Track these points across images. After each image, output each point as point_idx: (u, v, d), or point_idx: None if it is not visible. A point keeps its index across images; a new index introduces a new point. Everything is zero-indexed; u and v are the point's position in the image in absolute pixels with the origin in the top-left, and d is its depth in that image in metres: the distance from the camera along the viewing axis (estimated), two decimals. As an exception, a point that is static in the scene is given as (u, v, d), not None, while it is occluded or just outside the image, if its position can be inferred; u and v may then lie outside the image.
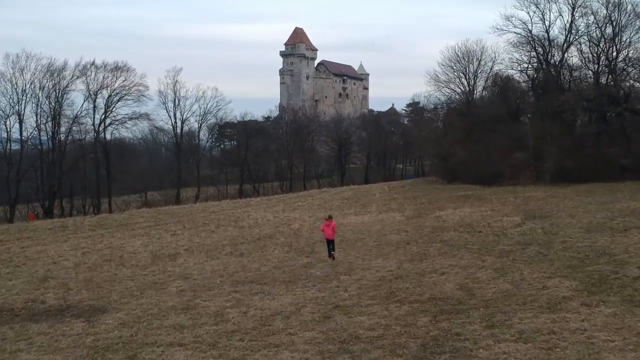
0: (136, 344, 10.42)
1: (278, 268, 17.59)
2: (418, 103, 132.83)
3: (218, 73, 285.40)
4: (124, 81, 68.37)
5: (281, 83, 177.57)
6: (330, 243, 18.85)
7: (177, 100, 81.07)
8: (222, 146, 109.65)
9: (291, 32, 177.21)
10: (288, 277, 16.01)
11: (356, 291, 13.56)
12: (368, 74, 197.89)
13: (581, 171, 43.47)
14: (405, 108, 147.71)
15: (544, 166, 44.64)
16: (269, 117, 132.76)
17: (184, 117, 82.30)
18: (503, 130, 53.58)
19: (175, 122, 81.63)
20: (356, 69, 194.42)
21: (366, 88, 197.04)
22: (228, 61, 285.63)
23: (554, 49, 49.85)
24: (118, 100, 68.20)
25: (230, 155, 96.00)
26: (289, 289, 14.31)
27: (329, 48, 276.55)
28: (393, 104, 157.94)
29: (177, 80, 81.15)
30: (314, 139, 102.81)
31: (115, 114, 69.42)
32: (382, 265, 16.61)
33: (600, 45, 46.94)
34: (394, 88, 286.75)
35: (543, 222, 23.06)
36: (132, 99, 68.99)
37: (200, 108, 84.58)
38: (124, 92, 68.42)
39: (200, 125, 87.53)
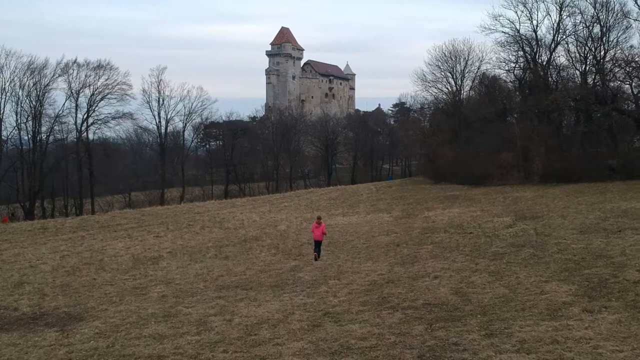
0: (112, 357, 9.73)
1: (264, 272, 16.95)
2: (404, 103, 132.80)
3: (204, 73, 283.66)
4: (106, 80, 67.16)
5: (267, 83, 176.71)
6: (317, 244, 18.54)
7: (161, 100, 79.75)
8: (207, 146, 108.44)
9: (277, 31, 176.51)
10: (275, 281, 15.37)
11: (346, 297, 12.96)
12: (354, 74, 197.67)
13: (569, 171, 43.33)
14: (391, 108, 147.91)
15: (533, 166, 44.41)
16: (255, 117, 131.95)
17: (169, 116, 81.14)
18: (490, 131, 53.40)
19: (160, 122, 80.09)
20: (342, 69, 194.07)
21: (352, 88, 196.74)
22: (214, 62, 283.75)
23: (541, 49, 49.77)
24: (101, 100, 66.93)
25: (216, 155, 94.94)
26: (275, 295, 13.68)
27: (314, 49, 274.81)
28: (379, 104, 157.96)
29: (161, 79, 79.91)
30: (301, 139, 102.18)
31: (98, 114, 68.19)
32: (372, 269, 16.03)
33: (588, 45, 46.93)
34: (380, 89, 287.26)
35: (535, 223, 22.66)
36: (116, 98, 67.79)
37: (185, 107, 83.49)
38: (107, 91, 67.18)
39: (185, 124, 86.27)
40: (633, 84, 45.78)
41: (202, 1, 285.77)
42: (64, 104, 66.25)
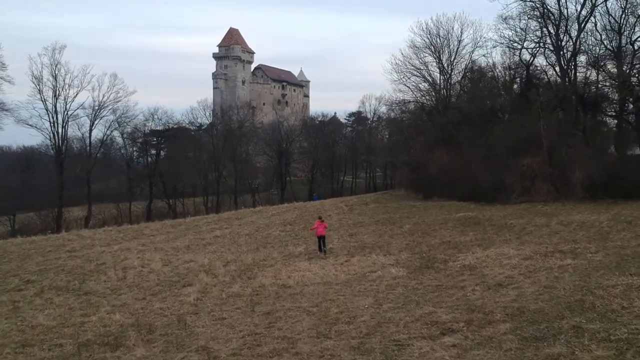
0: None
1: None
2: (361, 112, 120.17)
3: (149, 84, 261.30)
4: None
5: (214, 88, 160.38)
6: (321, 239, 19.83)
7: (58, 89, 58.11)
8: (123, 152, 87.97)
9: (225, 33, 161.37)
10: None
11: None
12: (309, 81, 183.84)
13: (618, 182, 30.74)
14: (347, 118, 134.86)
15: (573, 176, 31.30)
16: (200, 125, 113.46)
17: (69, 109, 59.86)
18: (498, 130, 40.55)
19: (56, 117, 58.56)
20: (296, 75, 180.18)
21: (307, 96, 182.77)
22: (158, 72, 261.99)
23: (567, 22, 37.00)
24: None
25: (139, 166, 77.64)
26: None
27: (265, 60, 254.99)
28: (335, 113, 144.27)
29: (58, 62, 58.12)
30: (249, 146, 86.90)
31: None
32: None
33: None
34: (333, 101, 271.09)
35: None
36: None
37: (94, 101, 62.18)
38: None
39: (93, 122, 64.09)
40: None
41: (150, 11, 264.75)
42: None
